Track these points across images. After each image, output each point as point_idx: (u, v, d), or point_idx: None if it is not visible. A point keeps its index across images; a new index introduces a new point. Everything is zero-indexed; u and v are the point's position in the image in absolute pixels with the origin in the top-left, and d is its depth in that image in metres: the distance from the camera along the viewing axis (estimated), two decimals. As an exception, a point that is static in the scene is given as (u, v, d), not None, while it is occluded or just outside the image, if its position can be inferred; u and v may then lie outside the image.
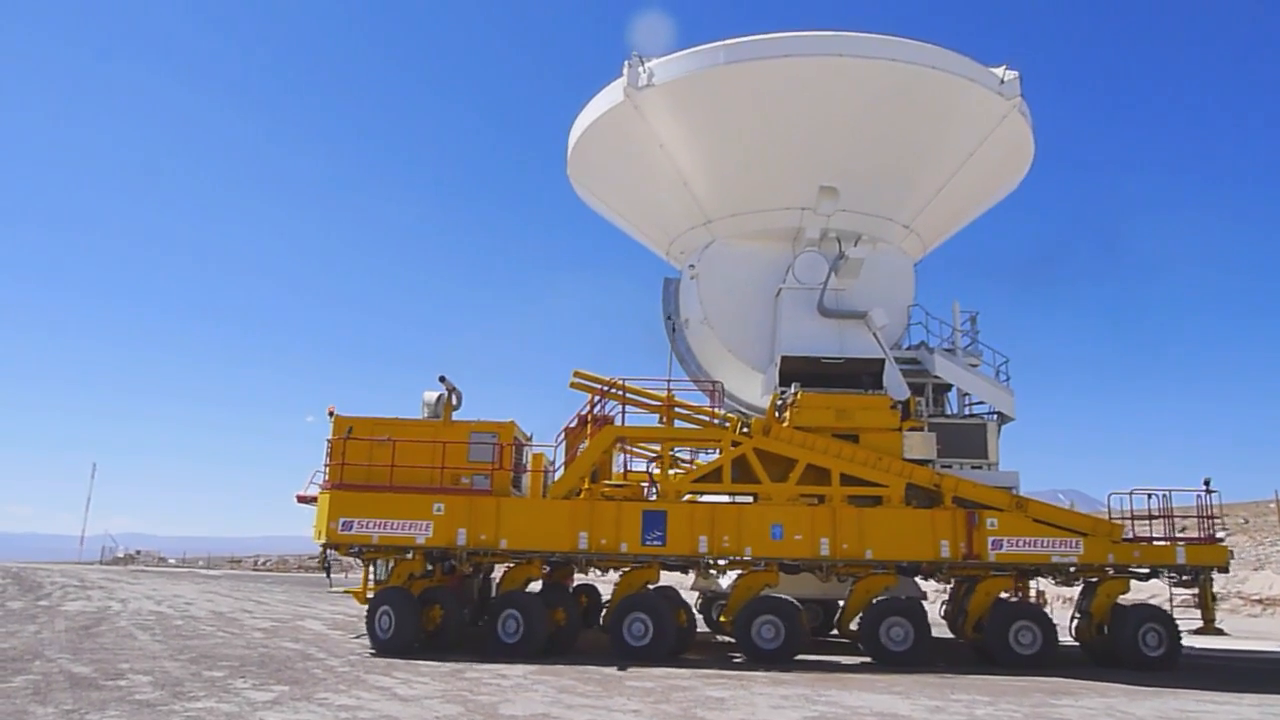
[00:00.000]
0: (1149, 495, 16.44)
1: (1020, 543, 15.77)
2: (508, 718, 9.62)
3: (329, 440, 16.60)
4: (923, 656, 15.02)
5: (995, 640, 15.22)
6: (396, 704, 10.15)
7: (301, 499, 17.10)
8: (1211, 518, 16.09)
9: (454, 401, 17.28)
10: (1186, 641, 15.47)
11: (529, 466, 17.55)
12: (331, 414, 16.84)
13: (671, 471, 17.65)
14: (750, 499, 16.68)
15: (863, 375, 18.00)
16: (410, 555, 16.25)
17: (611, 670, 13.41)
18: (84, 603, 24.60)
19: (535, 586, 17.22)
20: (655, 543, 15.96)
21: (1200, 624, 15.88)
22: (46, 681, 11.05)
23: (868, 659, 15.29)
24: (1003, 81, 18.88)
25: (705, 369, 20.74)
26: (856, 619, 16.02)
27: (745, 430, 16.94)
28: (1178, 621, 15.53)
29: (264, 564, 58.79)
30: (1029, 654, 15.01)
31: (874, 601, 15.63)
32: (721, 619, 17.11)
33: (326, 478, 16.61)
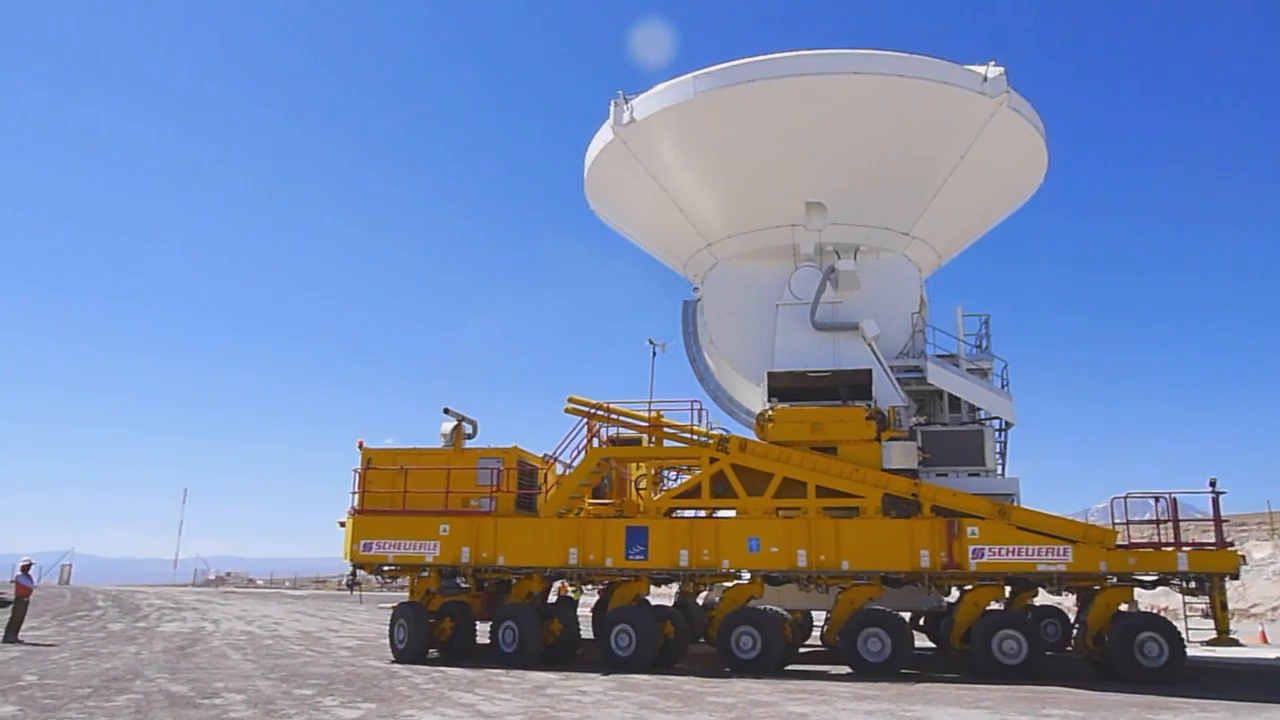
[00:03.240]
0: (1156, 499, 16.16)
1: (1003, 551, 15.88)
2: (589, 734, 9.59)
3: (354, 470, 18.71)
4: (901, 667, 15.48)
5: (979, 649, 15.39)
6: (480, 721, 10.25)
7: (342, 524, 19.08)
8: (1221, 521, 15.72)
9: (469, 430, 19.10)
10: (1204, 652, 15.46)
11: (542, 488, 18.97)
12: (360, 446, 18.94)
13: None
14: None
15: (839, 388, 18.70)
16: (426, 573, 18.26)
17: (693, 686, 13.39)
18: (179, 624, 25.72)
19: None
20: (637, 557, 17.07)
21: (1214, 634, 15.52)
22: (147, 700, 11.60)
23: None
24: (985, 79, 19.09)
25: (724, 387, 21.82)
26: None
27: (723, 447, 17.79)
28: (1190, 630, 15.48)
29: (347, 584, 59.87)
30: (1013, 664, 15.09)
31: (853, 613, 16.18)
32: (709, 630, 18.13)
33: (356, 504, 18.63)
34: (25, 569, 21.40)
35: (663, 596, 22.36)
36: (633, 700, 12.19)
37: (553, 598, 20.21)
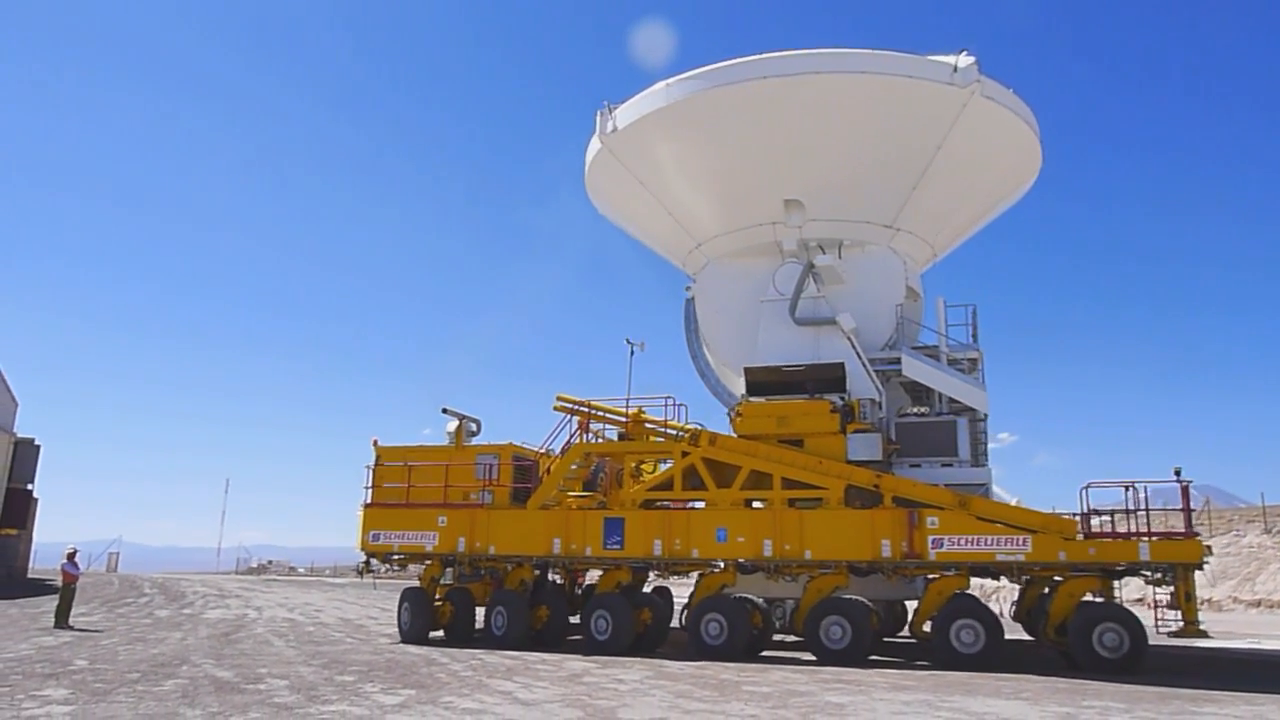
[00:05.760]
0: (1126, 488, 16.24)
1: (962, 541, 16.28)
2: (626, 723, 9.65)
3: (367, 466, 20.79)
4: (863, 654, 16.20)
5: (938, 638, 15.96)
6: (518, 708, 10.51)
7: None
8: (1189, 510, 15.91)
9: (473, 429, 20.83)
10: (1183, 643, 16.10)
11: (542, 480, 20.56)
12: (375, 444, 20.95)
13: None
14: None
15: (806, 382, 19.37)
16: (430, 561, 20.12)
17: (729, 675, 13.46)
18: (223, 611, 26.33)
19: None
20: (614, 547, 18.29)
21: (1181, 625, 15.56)
22: (194, 685, 11.92)
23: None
24: (956, 70, 19.49)
25: (723, 382, 22.60)
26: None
27: (694, 441, 18.88)
28: (1163, 621, 15.74)
29: (386, 572, 60.79)
30: (971, 653, 15.56)
31: (818, 601, 16.94)
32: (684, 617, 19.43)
33: (370, 498, 20.57)
34: (71, 557, 22.05)
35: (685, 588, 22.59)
36: (669, 689, 12.32)
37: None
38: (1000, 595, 33.13)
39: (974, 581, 24.01)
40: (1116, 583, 16.84)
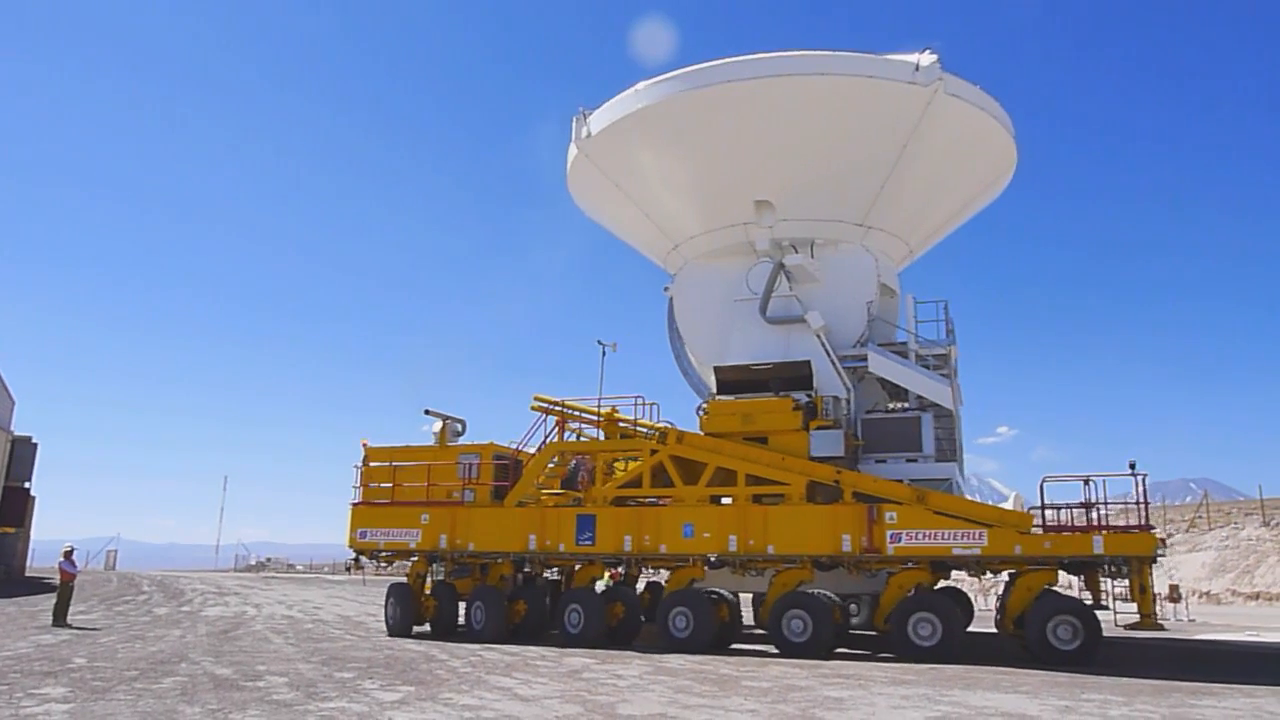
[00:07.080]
0: (1085, 482, 16.66)
1: (920, 535, 16.68)
2: (626, 718, 9.71)
3: (355, 466, 21.67)
4: (824, 648, 16.63)
5: (896, 631, 16.39)
6: (518, 704, 10.55)
7: None
8: (1145, 504, 16.24)
9: (458, 429, 21.73)
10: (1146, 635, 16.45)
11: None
12: (364, 445, 21.78)
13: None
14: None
15: (772, 380, 19.75)
16: (415, 558, 20.90)
17: (729, 670, 13.50)
18: (222, 608, 26.40)
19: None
20: (586, 542, 18.94)
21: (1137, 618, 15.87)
22: (192, 683, 11.96)
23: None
24: (917, 68, 19.80)
25: (705, 381, 22.94)
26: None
27: (663, 439, 19.43)
28: (1130, 614, 16.00)
29: (384, 569, 60.83)
30: (927, 646, 15.94)
31: (781, 595, 17.34)
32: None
33: (359, 497, 21.46)
34: (68, 555, 22.13)
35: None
36: (669, 684, 12.41)
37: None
38: (998, 590, 33.23)
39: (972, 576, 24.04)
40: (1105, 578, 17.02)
